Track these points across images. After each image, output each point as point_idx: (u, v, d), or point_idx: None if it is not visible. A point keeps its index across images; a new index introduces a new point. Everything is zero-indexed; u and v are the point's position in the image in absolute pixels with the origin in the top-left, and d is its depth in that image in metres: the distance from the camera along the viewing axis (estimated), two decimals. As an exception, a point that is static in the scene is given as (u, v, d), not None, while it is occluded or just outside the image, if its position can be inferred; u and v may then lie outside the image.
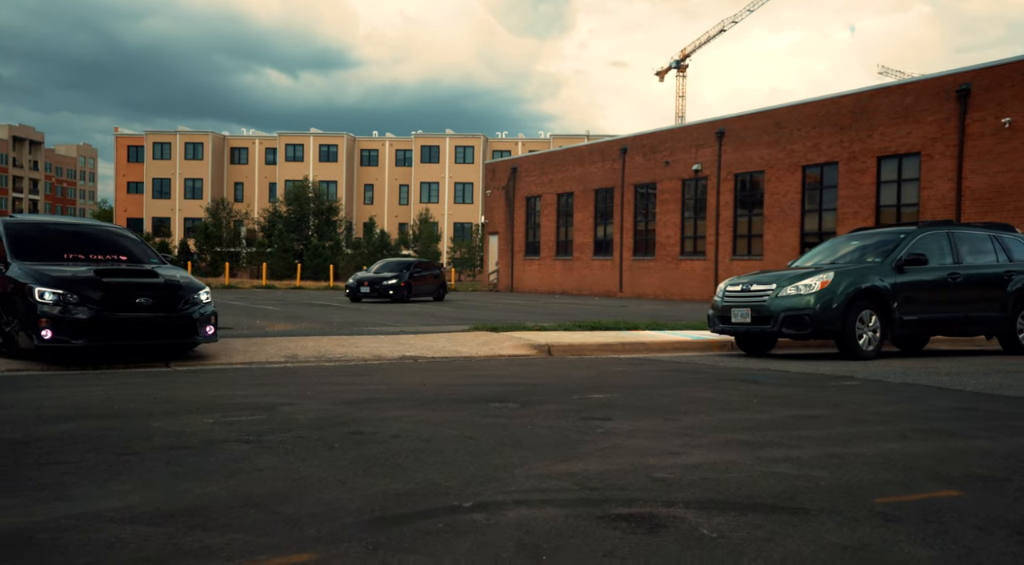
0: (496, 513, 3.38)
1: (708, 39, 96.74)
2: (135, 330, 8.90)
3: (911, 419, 5.91)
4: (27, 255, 9.51)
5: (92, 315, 8.61)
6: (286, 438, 4.85)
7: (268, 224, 69.88)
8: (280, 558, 2.80)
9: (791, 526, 3.28)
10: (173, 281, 9.40)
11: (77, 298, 8.61)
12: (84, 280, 8.85)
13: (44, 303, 8.53)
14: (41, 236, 10.15)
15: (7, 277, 9.14)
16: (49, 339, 8.47)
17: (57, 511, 3.28)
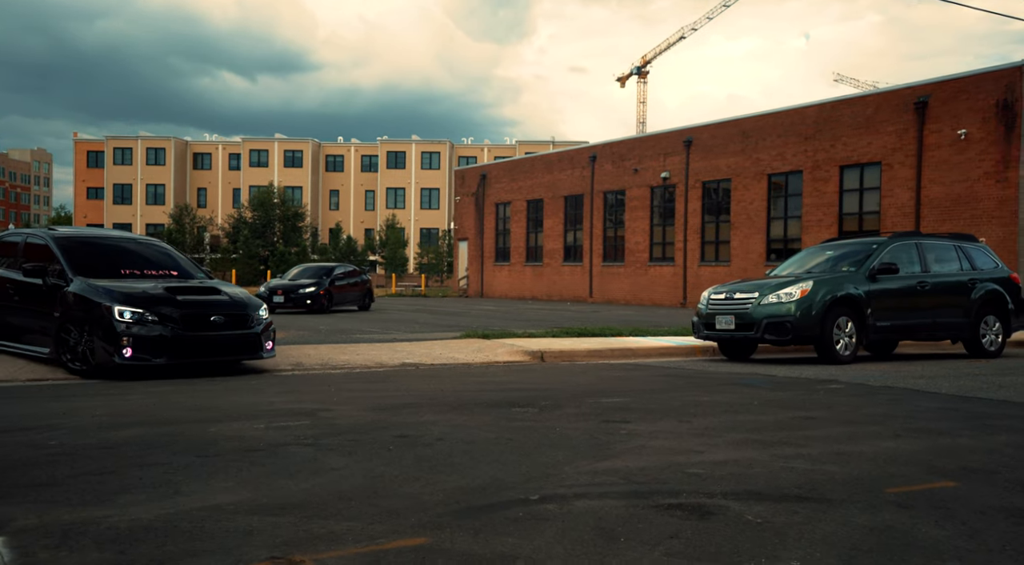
0: (564, 504, 3.84)
1: (668, 46, 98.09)
2: (211, 348, 9.18)
3: (900, 420, 6.48)
4: (87, 271, 9.51)
5: (172, 334, 8.83)
6: (341, 441, 5.27)
7: (233, 230, 69.56)
8: (400, 541, 3.24)
9: (821, 512, 3.79)
10: (240, 299, 9.67)
11: (156, 317, 8.82)
12: (160, 298, 9.04)
13: (124, 321, 8.67)
14: (95, 251, 10.19)
15: (73, 294, 9.17)
16: (130, 357, 8.63)
17: (184, 505, 3.68)
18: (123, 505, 3.69)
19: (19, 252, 10.40)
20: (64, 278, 9.41)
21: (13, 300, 10.01)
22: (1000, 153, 24.37)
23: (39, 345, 9.53)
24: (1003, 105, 24.40)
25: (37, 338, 9.60)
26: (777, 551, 3.22)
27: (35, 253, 10.14)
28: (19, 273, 10.03)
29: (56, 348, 9.16)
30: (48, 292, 9.44)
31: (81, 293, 9.09)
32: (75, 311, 9.05)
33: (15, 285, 10.00)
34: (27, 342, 9.78)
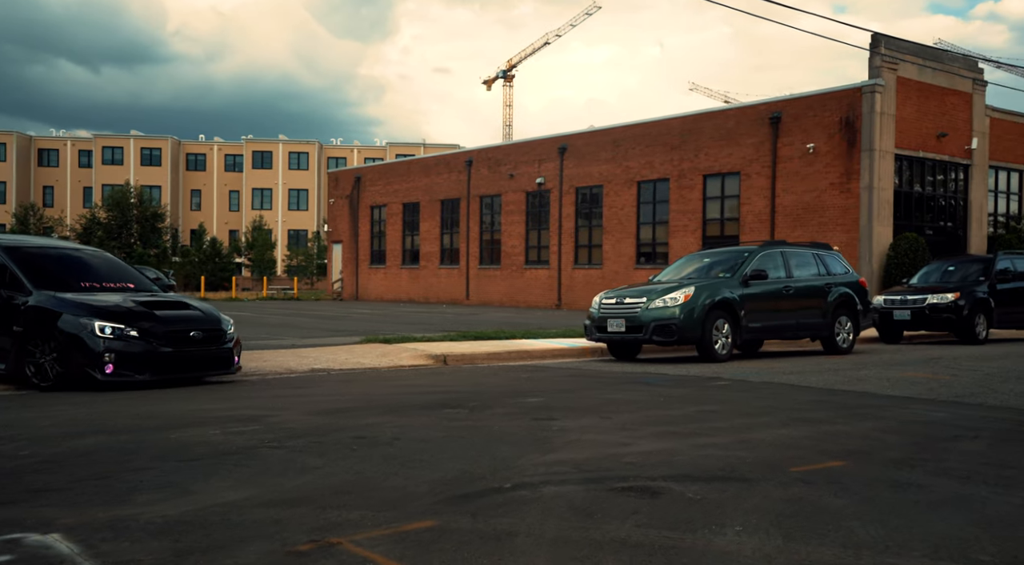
0: (535, 490, 4.46)
1: (534, 50, 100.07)
2: (191, 364, 9.11)
3: (785, 411, 7.45)
4: (47, 284, 9.17)
5: (154, 350, 8.72)
6: (305, 443, 5.70)
7: (85, 231, 66.27)
8: (413, 524, 3.78)
9: (745, 489, 4.56)
10: (212, 314, 9.61)
11: (136, 332, 8.67)
12: (139, 314, 8.88)
13: (104, 337, 8.48)
14: (49, 263, 9.77)
15: (37, 307, 8.83)
16: (111, 373, 8.47)
17: (200, 502, 4.08)
18: (144, 504, 4.06)
19: None
20: (22, 290, 9.02)
21: None
22: (844, 166, 26.64)
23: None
24: (846, 122, 26.68)
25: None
26: (721, 519, 3.96)
27: None
28: None
29: (16, 364, 8.79)
30: (4, 306, 9.00)
31: (49, 307, 8.80)
32: (41, 326, 8.71)
33: None
34: None
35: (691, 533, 3.73)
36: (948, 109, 28.35)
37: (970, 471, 5.07)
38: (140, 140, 78.98)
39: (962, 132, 28.61)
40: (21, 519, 3.78)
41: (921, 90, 27.39)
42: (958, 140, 28.45)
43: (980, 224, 29.17)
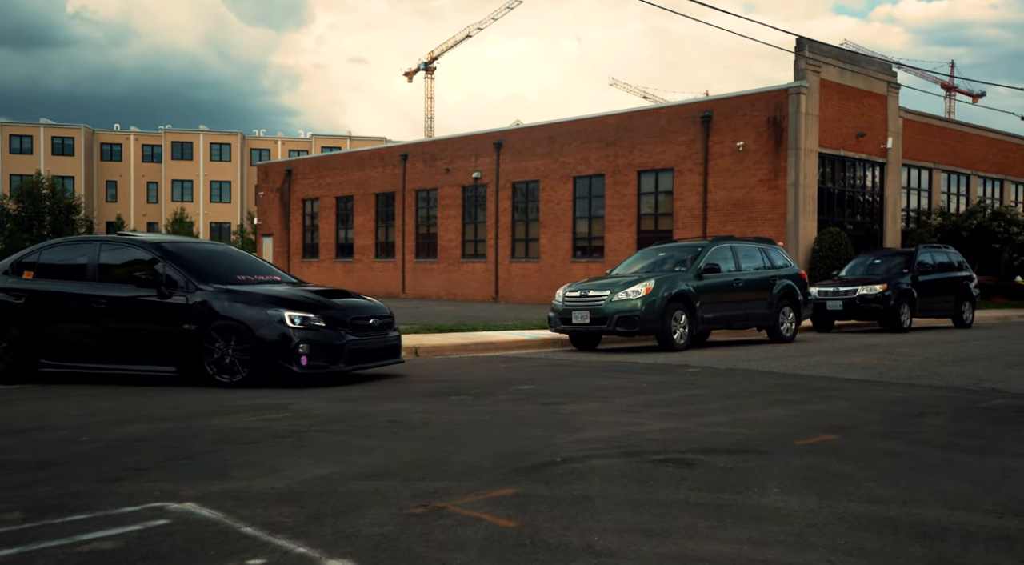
0: (584, 463, 4.99)
1: (456, 43, 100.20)
2: (374, 353, 9.08)
3: (762, 394, 8.15)
4: (208, 279, 8.85)
5: (345, 339, 8.65)
6: (345, 427, 6.10)
7: (-8, 223, 63.79)
8: (498, 491, 4.26)
9: (764, 459, 5.18)
10: (377, 302, 9.54)
11: (323, 322, 8.53)
12: (320, 302, 8.76)
13: (295, 328, 8.34)
14: (200, 258, 9.39)
15: (208, 302, 8.54)
16: (306, 366, 8.36)
17: (296, 476, 4.48)
18: (244, 479, 4.44)
19: (92, 263, 9.20)
20: (185, 288, 8.71)
21: (101, 317, 8.92)
22: (771, 164, 27.88)
23: (156, 363, 8.75)
24: (773, 122, 27.91)
25: (151, 356, 8.77)
26: (759, 483, 4.55)
27: (124, 264, 9.16)
28: (108, 286, 8.98)
29: (188, 363, 8.59)
30: (165, 304, 8.68)
31: (227, 300, 8.56)
32: (220, 321, 8.47)
33: (107, 300, 8.89)
34: (136, 362, 8.84)
35: (739, 494, 4.31)
36: (866, 110, 29.92)
37: (945, 441, 5.80)
38: (51, 128, 76.26)
39: (878, 132, 30.24)
40: (147, 491, 4.13)
41: (841, 92, 28.85)
42: (874, 140, 30.06)
43: (895, 219, 30.89)
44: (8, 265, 9.67)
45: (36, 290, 9.24)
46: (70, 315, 9.09)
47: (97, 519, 3.68)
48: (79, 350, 9.04)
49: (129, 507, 3.86)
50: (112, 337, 8.93)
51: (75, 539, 3.41)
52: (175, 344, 8.65)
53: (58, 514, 3.75)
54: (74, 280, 9.20)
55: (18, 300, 9.22)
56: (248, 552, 3.29)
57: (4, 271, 9.57)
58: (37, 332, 9.10)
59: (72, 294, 9.10)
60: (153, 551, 3.28)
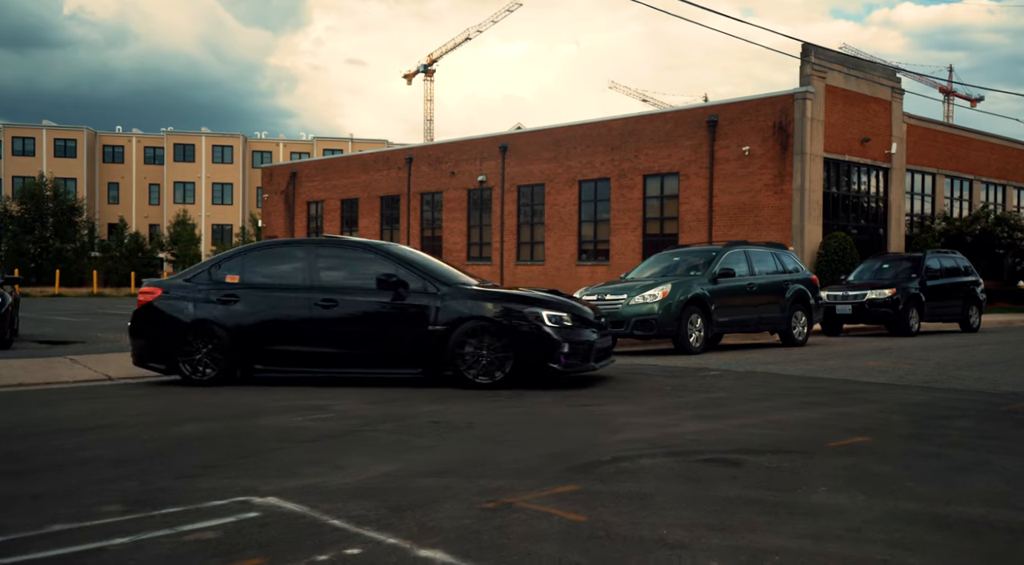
0: (634, 462, 5.18)
1: (455, 46, 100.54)
2: (607, 352, 9.40)
3: (786, 397, 8.35)
4: (440, 280, 8.98)
5: (594, 338, 8.87)
6: (394, 427, 6.29)
7: (-7, 224, 63.94)
8: (560, 488, 4.46)
9: (805, 460, 5.37)
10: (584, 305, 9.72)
11: (570, 320, 8.70)
12: (564, 303, 8.95)
13: (554, 327, 8.55)
14: (421, 260, 9.51)
15: (456, 305, 8.64)
16: (565, 365, 8.55)
17: (363, 473, 4.67)
18: (314, 475, 4.63)
19: (310, 267, 9.20)
20: (425, 290, 8.79)
21: (328, 321, 8.91)
22: (777, 168, 28.13)
23: (400, 366, 8.83)
24: (779, 126, 28.16)
25: (393, 359, 8.85)
26: (806, 481, 4.75)
27: (350, 267, 9.21)
28: (334, 290, 8.97)
29: (435, 365, 8.67)
30: (406, 306, 8.76)
31: (473, 301, 8.69)
32: (471, 322, 8.53)
33: (337, 304, 8.91)
34: (376, 366, 8.93)
35: (790, 492, 4.51)
36: (870, 115, 30.18)
37: (974, 443, 6.00)
38: (53, 130, 76.35)
39: (882, 137, 30.50)
40: (227, 486, 4.32)
41: (846, 97, 29.11)
42: (879, 145, 30.32)
43: (898, 224, 31.15)
44: (203, 270, 9.45)
45: (249, 295, 9.10)
46: (291, 320, 8.97)
47: (191, 512, 3.87)
48: (301, 355, 8.98)
49: (216, 501, 4.05)
50: (343, 341, 8.90)
51: (178, 529, 3.60)
52: (421, 346, 8.69)
53: (153, 507, 3.94)
54: (290, 284, 9.15)
55: (228, 305, 9.06)
56: (342, 542, 3.48)
57: (193, 276, 9.37)
58: (250, 337, 8.97)
59: (294, 298, 9.01)
60: (254, 540, 3.47)
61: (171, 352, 9.00)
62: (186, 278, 9.43)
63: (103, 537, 3.48)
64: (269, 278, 9.26)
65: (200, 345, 8.98)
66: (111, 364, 10.27)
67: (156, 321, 9.18)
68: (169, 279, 9.55)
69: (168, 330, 9.05)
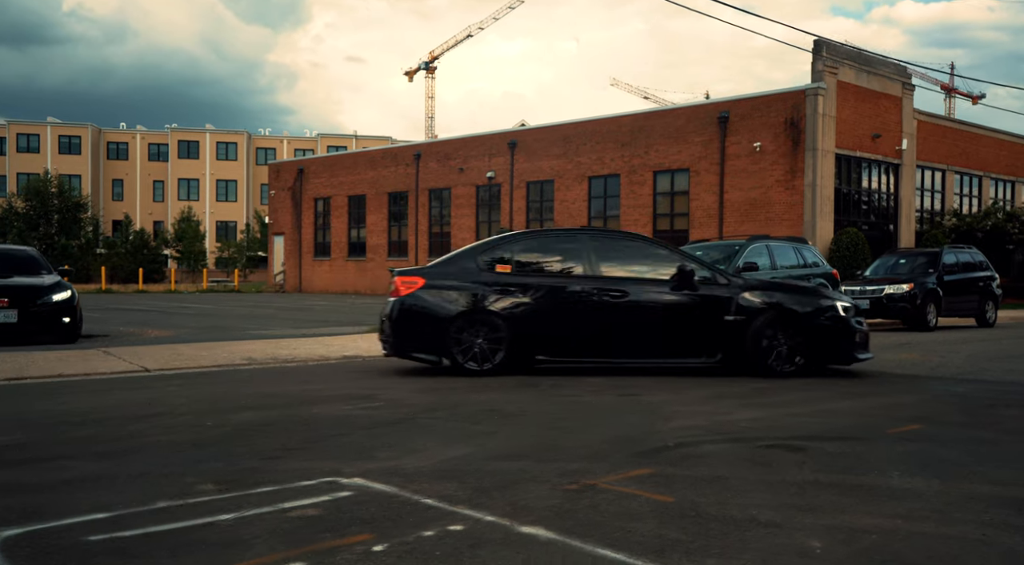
0: (698, 447, 5.20)
1: (456, 43, 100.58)
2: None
3: (827, 387, 8.35)
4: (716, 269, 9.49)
5: (865, 328, 9.24)
6: (448, 414, 6.31)
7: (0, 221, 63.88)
8: (635, 471, 4.48)
9: (868, 446, 5.39)
10: None
11: (844, 310, 9.04)
12: (841, 293, 9.48)
13: (849, 317, 8.97)
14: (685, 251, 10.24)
15: (743, 295, 8.94)
16: (861, 354, 9.02)
17: (436, 457, 4.71)
18: (389, 459, 4.66)
19: (587, 257, 9.28)
20: (715, 280, 9.10)
21: (615, 311, 8.98)
22: (788, 164, 28.14)
23: (697, 355, 9.04)
24: (790, 122, 28.17)
25: (690, 348, 9.04)
26: (876, 466, 4.77)
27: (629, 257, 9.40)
28: (616, 281, 9.08)
29: (733, 354, 8.93)
30: (702, 297, 8.96)
31: (765, 291, 9.09)
32: (769, 312, 8.85)
33: (623, 294, 9.02)
34: (670, 355, 9.10)
35: (864, 476, 4.53)
36: (881, 112, 30.20)
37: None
38: (58, 127, 76.40)
39: (893, 133, 30.53)
40: (310, 468, 4.36)
41: (858, 93, 29.13)
42: (889, 141, 30.34)
43: (909, 220, 31.18)
44: (464, 258, 9.32)
45: (529, 284, 9.06)
46: (580, 310, 8.99)
47: (285, 491, 3.89)
48: (587, 345, 9.06)
49: (306, 481, 4.08)
50: (633, 331, 8.98)
51: (279, 506, 3.62)
52: (716, 336, 8.91)
53: (245, 487, 3.97)
54: (570, 273, 9.20)
55: (506, 295, 9.01)
56: (442, 520, 3.50)
57: (450, 265, 9.29)
58: (532, 327, 8.95)
59: (580, 289, 9.03)
60: (357, 517, 3.50)
61: (443, 342, 8.85)
62: (444, 267, 9.36)
63: (209, 513, 3.51)
64: (544, 268, 9.31)
65: (476, 335, 8.90)
66: (145, 356, 10.30)
67: (422, 311, 9.00)
68: (428, 268, 9.42)
69: (438, 320, 8.91)
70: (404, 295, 9.07)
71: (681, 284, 8.97)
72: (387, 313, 9.16)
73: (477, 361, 8.84)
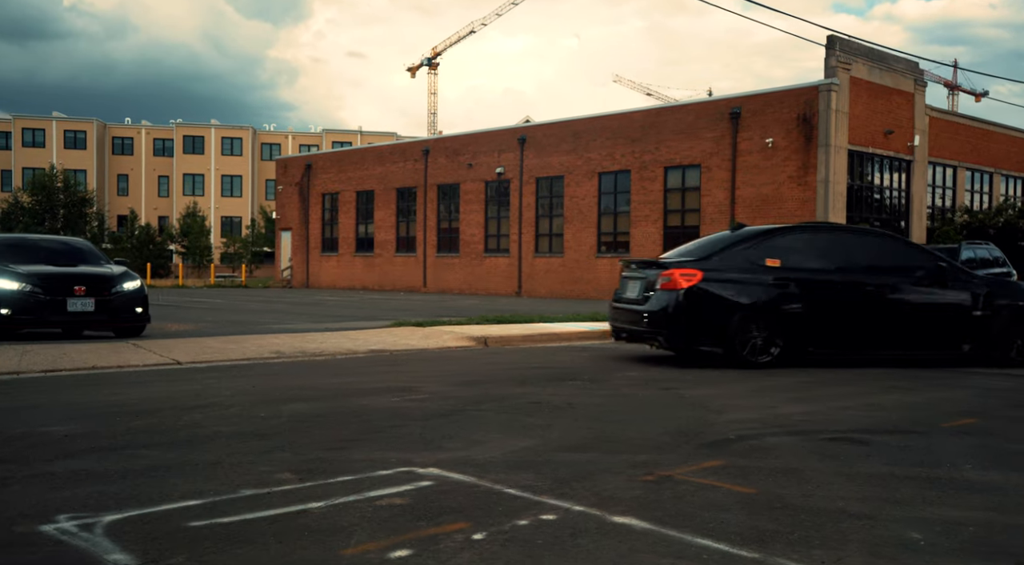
0: (761, 440, 5.15)
1: (460, 39, 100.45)
2: None
3: (868, 381, 8.30)
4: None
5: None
6: (496, 407, 6.27)
7: (5, 216, 63.83)
8: (705, 463, 4.43)
9: (927, 439, 5.34)
10: None
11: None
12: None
13: None
14: None
15: (988, 292, 9.80)
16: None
17: (502, 449, 4.67)
18: (460, 449, 4.63)
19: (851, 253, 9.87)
20: (957, 277, 9.86)
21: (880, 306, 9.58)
22: (801, 160, 28.05)
23: (946, 348, 9.74)
24: (803, 118, 28.08)
25: (946, 341, 9.75)
26: (946, 459, 4.72)
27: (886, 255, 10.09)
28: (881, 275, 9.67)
29: (981, 346, 9.70)
30: (956, 294, 9.75)
31: (999, 288, 10.05)
32: (1011, 310, 9.80)
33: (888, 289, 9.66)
34: (929, 348, 9.78)
35: (938, 469, 4.47)
36: (893, 108, 30.10)
37: (1084, 424, 5.97)
38: (63, 122, 76.27)
39: (905, 129, 30.43)
40: (380, 459, 4.31)
41: (870, 89, 29.02)
42: (901, 137, 30.25)
43: (920, 216, 31.09)
44: (732, 252, 9.68)
45: (802, 279, 9.44)
46: (851, 304, 9.50)
47: (364, 480, 3.85)
48: (856, 338, 9.58)
49: (382, 471, 4.03)
50: (898, 325, 9.59)
51: (365, 496, 3.58)
52: (965, 329, 9.69)
53: (324, 476, 3.92)
54: (835, 269, 9.60)
55: (783, 289, 9.35)
56: (532, 509, 3.45)
57: (719, 258, 9.60)
58: (806, 320, 9.33)
59: (853, 284, 9.53)
60: (446, 506, 3.45)
61: (725, 335, 9.14)
62: (712, 260, 9.58)
63: (298, 501, 3.47)
64: (813, 262, 9.67)
65: (756, 328, 9.22)
66: (174, 350, 10.25)
67: (705, 304, 9.25)
68: (698, 261, 9.65)
69: (720, 313, 9.21)
70: (687, 288, 9.27)
71: (936, 281, 9.73)
72: (662, 306, 9.31)
73: (756, 354, 9.19)
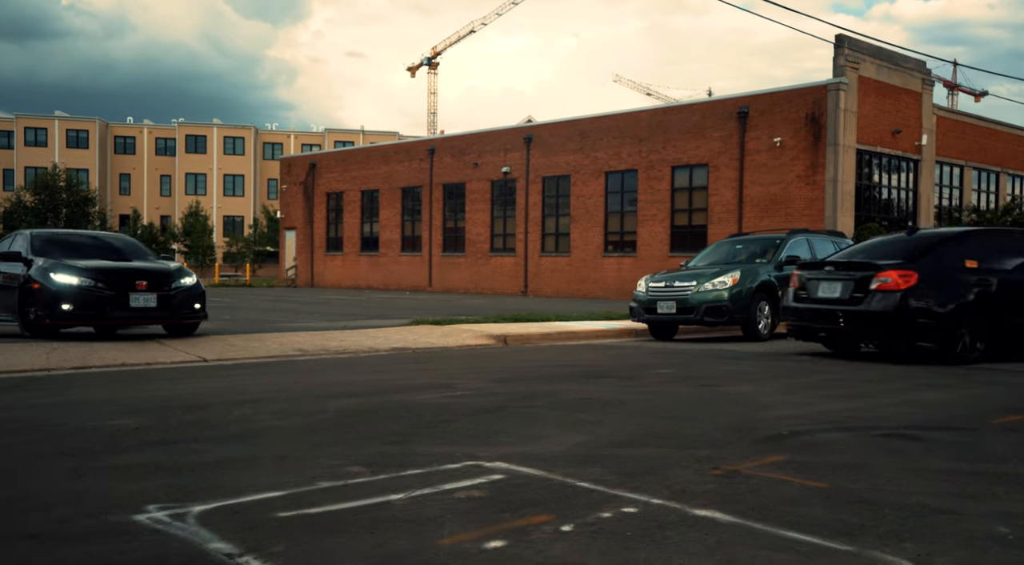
0: (815, 436, 5.12)
1: (459, 38, 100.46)
2: None
3: (899, 379, 8.27)
4: None
5: None
6: (545, 403, 6.24)
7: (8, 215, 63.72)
8: (767, 458, 4.40)
9: (979, 436, 5.31)
10: None
11: None
12: None
13: None
14: None
15: None
16: None
17: (561, 444, 4.64)
18: (519, 444, 4.61)
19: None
20: None
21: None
22: (809, 159, 28.04)
23: None
24: (811, 117, 28.06)
25: None
26: (1011, 455, 4.68)
27: None
28: None
29: None
30: None
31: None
32: None
33: None
34: None
35: (1004, 464, 4.44)
36: (901, 107, 30.08)
37: None
38: (65, 121, 76.21)
39: (913, 129, 30.42)
40: (444, 453, 4.28)
41: (879, 89, 29.01)
42: (909, 136, 30.23)
43: (927, 216, 31.07)
44: (932, 255, 10.22)
45: (1004, 280, 10.17)
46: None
47: (435, 473, 3.82)
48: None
49: (449, 465, 4.00)
50: None
51: (440, 488, 3.55)
52: None
53: (393, 470, 3.89)
54: (1013, 268, 10.38)
55: (987, 288, 10.05)
56: (610, 502, 3.42)
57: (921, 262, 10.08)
58: (1004, 317, 10.17)
59: None
60: (524, 499, 3.42)
61: (942, 332, 9.75)
62: (922, 262, 10.06)
63: (377, 494, 3.44)
64: (1002, 263, 10.41)
65: (966, 325, 9.86)
66: (199, 347, 10.21)
67: (922, 304, 9.74)
68: (912, 265, 10.02)
69: (935, 312, 9.78)
70: (904, 289, 9.76)
71: None
72: (880, 306, 9.76)
73: (966, 350, 9.86)
